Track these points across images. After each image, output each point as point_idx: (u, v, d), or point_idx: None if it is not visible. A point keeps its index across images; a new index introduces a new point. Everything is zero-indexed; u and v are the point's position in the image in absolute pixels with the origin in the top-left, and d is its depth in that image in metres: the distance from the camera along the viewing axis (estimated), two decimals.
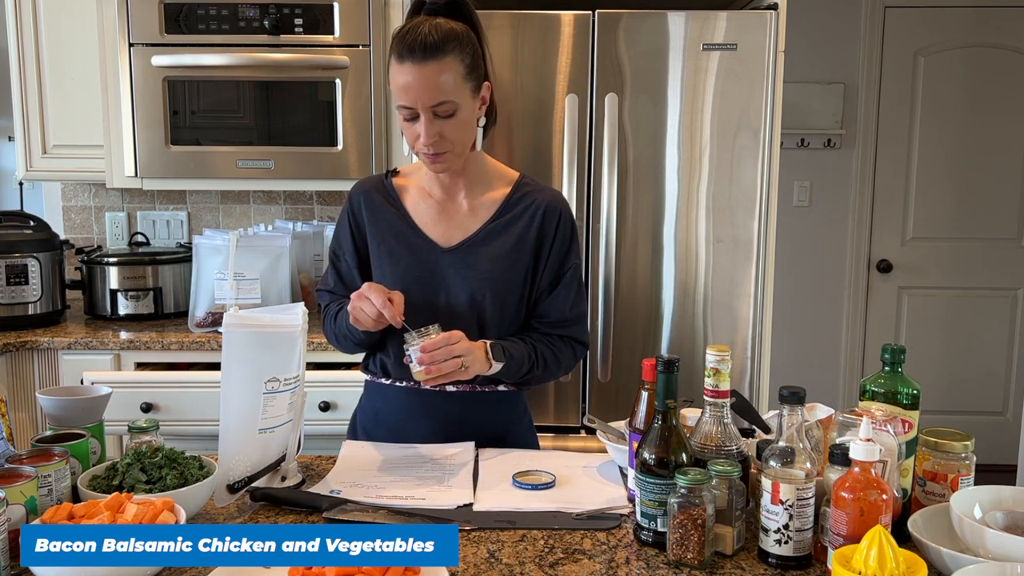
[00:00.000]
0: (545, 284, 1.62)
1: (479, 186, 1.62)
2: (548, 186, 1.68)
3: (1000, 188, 3.99)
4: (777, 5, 2.34)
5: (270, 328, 1.34)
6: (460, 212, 1.62)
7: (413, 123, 1.48)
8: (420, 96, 1.44)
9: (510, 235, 1.59)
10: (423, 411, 1.61)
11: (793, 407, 1.14)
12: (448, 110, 1.46)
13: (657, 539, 1.18)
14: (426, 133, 1.46)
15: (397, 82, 1.45)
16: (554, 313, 1.62)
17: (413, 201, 1.63)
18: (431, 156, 1.50)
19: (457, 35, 1.45)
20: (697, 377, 1.37)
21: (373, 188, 1.65)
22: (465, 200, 1.62)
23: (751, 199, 2.39)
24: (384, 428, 1.64)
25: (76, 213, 3.11)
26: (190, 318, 2.61)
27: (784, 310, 3.54)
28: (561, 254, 1.61)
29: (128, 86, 2.59)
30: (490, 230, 1.60)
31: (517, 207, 1.61)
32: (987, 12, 3.88)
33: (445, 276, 1.58)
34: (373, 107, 2.60)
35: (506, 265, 1.58)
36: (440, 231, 1.61)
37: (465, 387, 1.60)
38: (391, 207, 1.63)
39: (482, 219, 1.61)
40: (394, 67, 1.46)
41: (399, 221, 1.61)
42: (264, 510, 1.33)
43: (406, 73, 1.43)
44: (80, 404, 1.40)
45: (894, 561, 0.96)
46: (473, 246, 1.59)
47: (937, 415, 3.79)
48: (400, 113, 1.49)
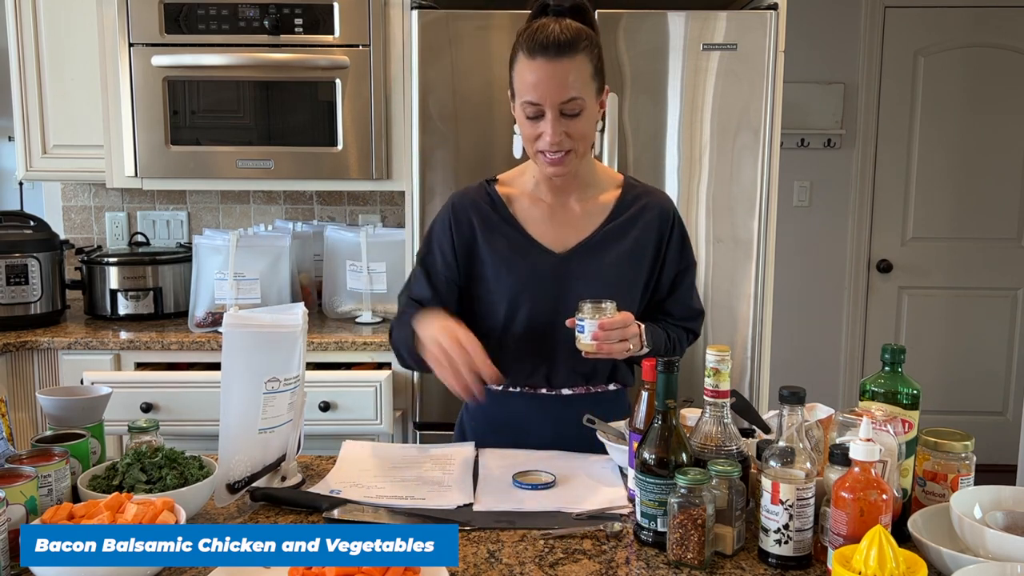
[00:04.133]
0: (666, 284, 1.64)
1: (590, 188, 1.61)
2: (653, 187, 1.68)
3: (1000, 188, 3.99)
4: (777, 5, 2.34)
5: (270, 328, 1.34)
6: (572, 216, 1.60)
7: (537, 122, 1.46)
8: (551, 93, 1.43)
9: (628, 237, 1.59)
10: (542, 415, 1.61)
11: (793, 407, 1.14)
12: (575, 108, 1.45)
13: (657, 539, 1.18)
14: (552, 132, 1.45)
15: (526, 79, 1.44)
16: (678, 311, 1.66)
17: (523, 208, 1.60)
18: (552, 158, 1.48)
19: (587, 35, 1.47)
20: (697, 377, 1.37)
21: (479, 198, 1.61)
22: (577, 204, 1.60)
23: (751, 199, 2.39)
24: (501, 434, 1.61)
25: (76, 213, 3.11)
26: (190, 318, 2.61)
27: (784, 310, 3.54)
28: (678, 254, 1.63)
29: (128, 86, 2.59)
30: (607, 232, 1.59)
31: (631, 209, 1.61)
32: (987, 12, 3.88)
33: (564, 282, 1.56)
34: (373, 107, 2.60)
35: (625, 267, 1.58)
36: (553, 236, 1.59)
37: (580, 389, 1.61)
38: (499, 215, 1.60)
39: (596, 222, 1.60)
40: (523, 64, 1.45)
41: (511, 229, 1.59)
42: (264, 510, 1.33)
43: (537, 69, 1.43)
44: (80, 404, 1.40)
45: (894, 561, 0.96)
46: (591, 249, 1.58)
47: (937, 415, 3.79)
48: (524, 111, 1.47)
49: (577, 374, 1.60)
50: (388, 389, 2.36)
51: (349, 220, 3.09)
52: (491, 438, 1.61)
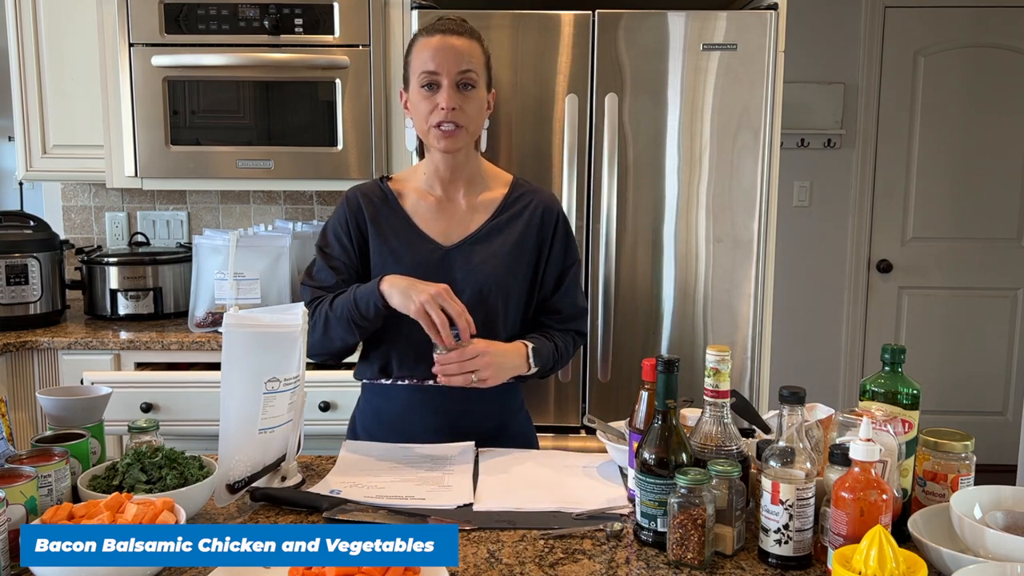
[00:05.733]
0: (551, 281, 1.68)
1: (477, 186, 1.68)
2: (541, 187, 1.74)
3: (1000, 188, 3.99)
4: (777, 5, 2.34)
5: (270, 328, 1.34)
6: (459, 211, 1.66)
7: (432, 93, 1.54)
8: (447, 61, 1.53)
9: (511, 233, 1.64)
10: (425, 408, 1.63)
11: (793, 407, 1.14)
12: (471, 80, 1.54)
13: (657, 539, 1.18)
14: (448, 99, 1.52)
15: (423, 52, 1.54)
16: (566, 308, 1.70)
17: (412, 202, 1.67)
18: (446, 130, 1.54)
19: (480, 36, 1.61)
20: (697, 377, 1.37)
21: (371, 192, 1.68)
22: (464, 199, 1.66)
23: (751, 199, 2.39)
24: (387, 427, 1.65)
25: (76, 213, 3.11)
26: (190, 318, 2.61)
27: (784, 310, 3.54)
28: (562, 251, 1.69)
29: (128, 86, 2.59)
30: (491, 228, 1.64)
31: (515, 206, 1.67)
32: (987, 12, 3.88)
33: (449, 273, 1.59)
34: (373, 107, 2.60)
35: (508, 261, 1.63)
36: (440, 229, 1.64)
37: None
38: (390, 208, 1.65)
39: (482, 218, 1.65)
40: (421, 41, 1.56)
41: (400, 221, 1.64)
42: (264, 510, 1.33)
43: (435, 43, 1.54)
44: (80, 404, 1.40)
45: (894, 561, 0.96)
46: (475, 243, 1.63)
47: (937, 415, 3.79)
48: (419, 81, 1.55)
49: None
50: None
51: None
52: (379, 431, 1.65)
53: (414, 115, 1.59)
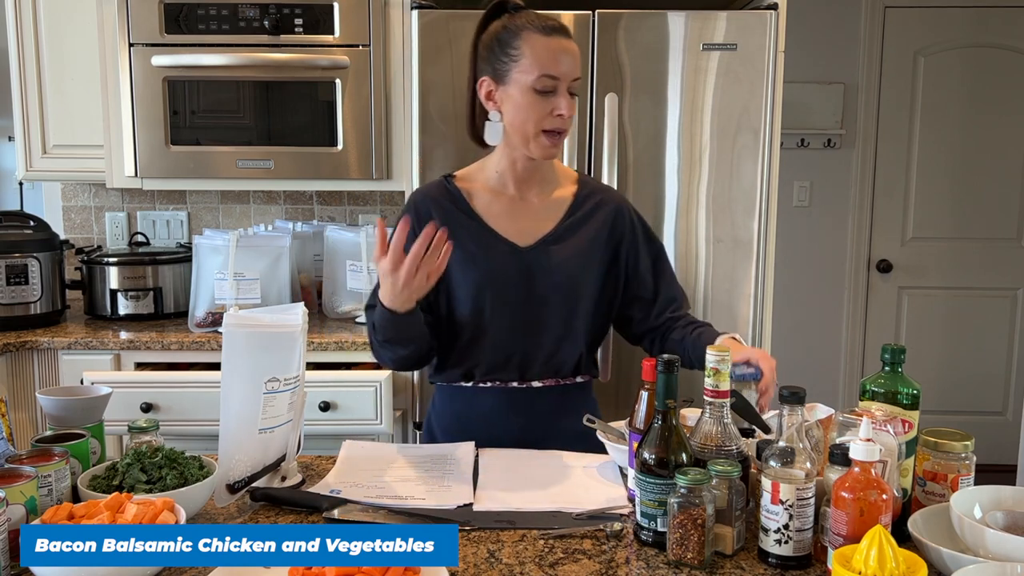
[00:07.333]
0: (646, 273, 1.67)
1: (550, 184, 1.65)
2: (607, 185, 1.73)
3: (1000, 188, 3.99)
4: (777, 5, 2.34)
5: (270, 328, 1.34)
6: (533, 210, 1.63)
7: (549, 98, 1.50)
8: (567, 67, 1.50)
9: (585, 233, 1.62)
10: (512, 410, 1.62)
11: (793, 407, 1.14)
12: (577, 88, 1.53)
13: (657, 539, 1.18)
14: (569, 106, 1.51)
15: (543, 55, 1.48)
16: (678, 292, 1.70)
17: (484, 202, 1.62)
18: (555, 135, 1.52)
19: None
20: (697, 377, 1.37)
21: (439, 194, 1.62)
22: (537, 198, 1.63)
23: (751, 199, 2.39)
24: (470, 430, 1.61)
25: (76, 213, 3.11)
26: (190, 318, 2.61)
27: (784, 310, 3.54)
28: (647, 243, 1.68)
29: (128, 86, 2.59)
30: (566, 228, 1.62)
31: (586, 205, 1.65)
32: (987, 12, 3.88)
33: (527, 274, 1.58)
34: (373, 107, 2.60)
35: (583, 261, 1.61)
36: (516, 230, 1.60)
37: (550, 381, 1.63)
38: (460, 210, 1.61)
39: (556, 217, 1.63)
40: (539, 41, 1.49)
41: (473, 223, 1.60)
42: (264, 510, 1.33)
43: (555, 45, 1.50)
44: (80, 404, 1.40)
45: (894, 561, 0.96)
46: (552, 244, 1.60)
47: (937, 415, 3.79)
48: (538, 85, 1.48)
49: (548, 366, 1.62)
50: (388, 389, 2.36)
51: (349, 220, 3.09)
52: (460, 436, 1.62)
53: (517, 114, 1.51)
